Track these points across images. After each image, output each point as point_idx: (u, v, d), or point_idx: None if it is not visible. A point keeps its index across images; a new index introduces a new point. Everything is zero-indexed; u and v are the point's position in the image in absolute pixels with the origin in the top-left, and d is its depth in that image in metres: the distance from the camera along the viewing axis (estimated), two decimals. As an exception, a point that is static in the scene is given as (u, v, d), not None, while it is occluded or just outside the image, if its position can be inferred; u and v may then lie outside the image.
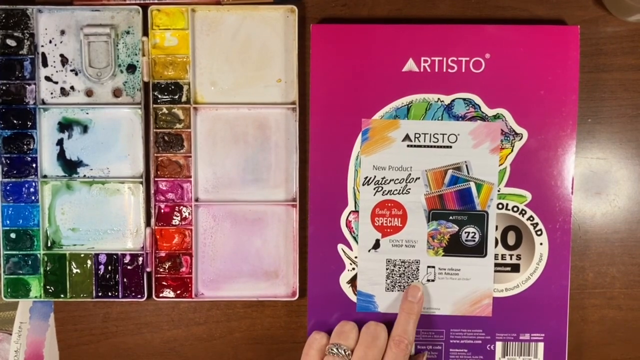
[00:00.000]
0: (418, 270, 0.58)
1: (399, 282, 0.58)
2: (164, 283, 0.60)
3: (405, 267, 0.58)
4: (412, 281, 0.58)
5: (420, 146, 0.57)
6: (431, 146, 0.57)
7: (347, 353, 0.53)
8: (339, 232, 0.58)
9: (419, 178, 0.58)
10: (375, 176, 0.58)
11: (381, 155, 0.58)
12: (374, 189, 0.58)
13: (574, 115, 0.57)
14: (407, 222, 0.58)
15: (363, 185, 0.58)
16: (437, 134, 0.57)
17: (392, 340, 0.54)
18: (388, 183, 0.58)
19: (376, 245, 0.58)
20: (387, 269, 0.58)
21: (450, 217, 0.58)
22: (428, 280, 0.58)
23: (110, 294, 0.60)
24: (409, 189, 0.58)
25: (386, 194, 0.58)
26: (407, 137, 0.57)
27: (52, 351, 0.61)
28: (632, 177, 0.60)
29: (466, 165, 0.57)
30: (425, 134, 0.57)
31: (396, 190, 0.58)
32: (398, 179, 0.58)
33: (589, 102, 0.59)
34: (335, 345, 0.53)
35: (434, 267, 0.58)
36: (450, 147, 0.57)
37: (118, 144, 0.59)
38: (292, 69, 0.59)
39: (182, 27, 0.58)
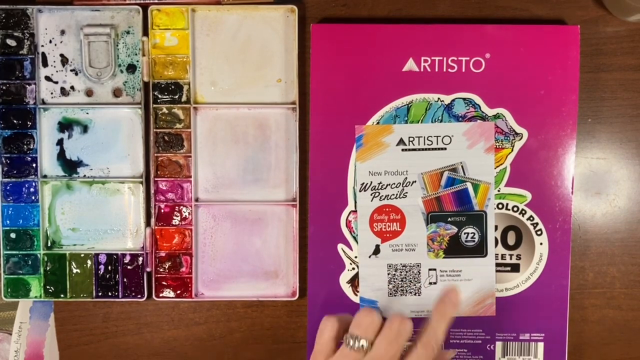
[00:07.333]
0: (419, 273, 0.58)
1: (401, 287, 0.58)
2: (164, 283, 0.60)
3: (406, 272, 0.58)
4: (414, 285, 0.58)
5: (414, 149, 0.57)
6: (426, 149, 0.57)
7: (365, 347, 0.48)
8: (339, 232, 0.58)
9: (415, 181, 0.58)
10: (371, 182, 0.58)
11: (376, 160, 0.58)
12: (371, 194, 0.58)
13: (574, 115, 0.57)
14: (406, 226, 0.58)
15: (360, 191, 0.58)
16: (432, 137, 0.57)
17: (419, 340, 0.50)
18: (385, 188, 0.58)
19: (376, 250, 0.58)
20: (388, 274, 0.58)
21: (449, 219, 0.58)
22: (430, 284, 0.58)
23: (110, 294, 0.60)
24: (406, 192, 0.58)
25: (383, 199, 0.58)
26: (401, 142, 0.57)
27: (52, 351, 0.61)
28: (632, 177, 0.60)
29: (462, 166, 0.57)
30: (419, 137, 0.57)
31: (393, 194, 0.58)
32: (394, 184, 0.58)
33: (589, 102, 0.59)
34: (354, 337, 0.49)
35: (435, 269, 0.58)
36: (445, 148, 0.57)
37: (118, 144, 0.59)
38: (292, 69, 0.59)
39: (182, 27, 0.58)
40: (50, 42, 0.59)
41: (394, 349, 0.49)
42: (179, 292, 0.60)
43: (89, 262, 0.60)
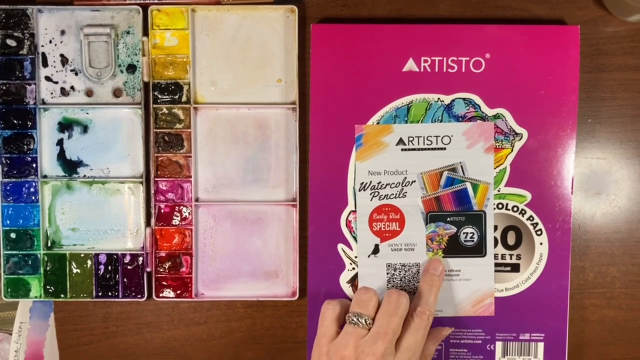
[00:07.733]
0: (418, 273, 0.58)
1: (400, 286, 0.58)
2: (164, 283, 0.60)
3: (405, 271, 0.58)
4: (413, 284, 0.58)
5: (414, 149, 0.57)
6: (425, 149, 0.57)
7: (368, 322, 0.52)
8: (339, 232, 0.58)
9: (414, 181, 0.58)
10: (371, 181, 0.58)
11: (376, 160, 0.58)
12: (370, 194, 0.58)
13: (574, 115, 0.57)
14: (405, 225, 0.58)
15: (359, 191, 0.58)
16: (431, 136, 0.57)
17: (413, 311, 0.53)
18: (384, 188, 0.58)
19: (375, 250, 0.58)
20: (387, 274, 0.58)
21: (448, 219, 0.58)
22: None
23: (110, 294, 0.60)
24: (405, 192, 0.58)
25: (383, 199, 0.58)
26: (400, 141, 0.57)
27: (52, 351, 0.61)
28: (632, 177, 0.60)
29: (461, 166, 0.57)
30: (419, 137, 0.57)
31: (392, 194, 0.58)
32: (394, 183, 0.58)
33: (589, 102, 0.59)
34: (356, 315, 0.52)
35: (434, 268, 0.58)
36: (445, 148, 0.57)
37: (118, 144, 0.60)
38: (292, 69, 0.59)
39: (182, 27, 0.58)
40: (50, 42, 0.59)
41: (395, 321, 0.52)
42: (179, 292, 0.60)
43: (89, 262, 0.60)
